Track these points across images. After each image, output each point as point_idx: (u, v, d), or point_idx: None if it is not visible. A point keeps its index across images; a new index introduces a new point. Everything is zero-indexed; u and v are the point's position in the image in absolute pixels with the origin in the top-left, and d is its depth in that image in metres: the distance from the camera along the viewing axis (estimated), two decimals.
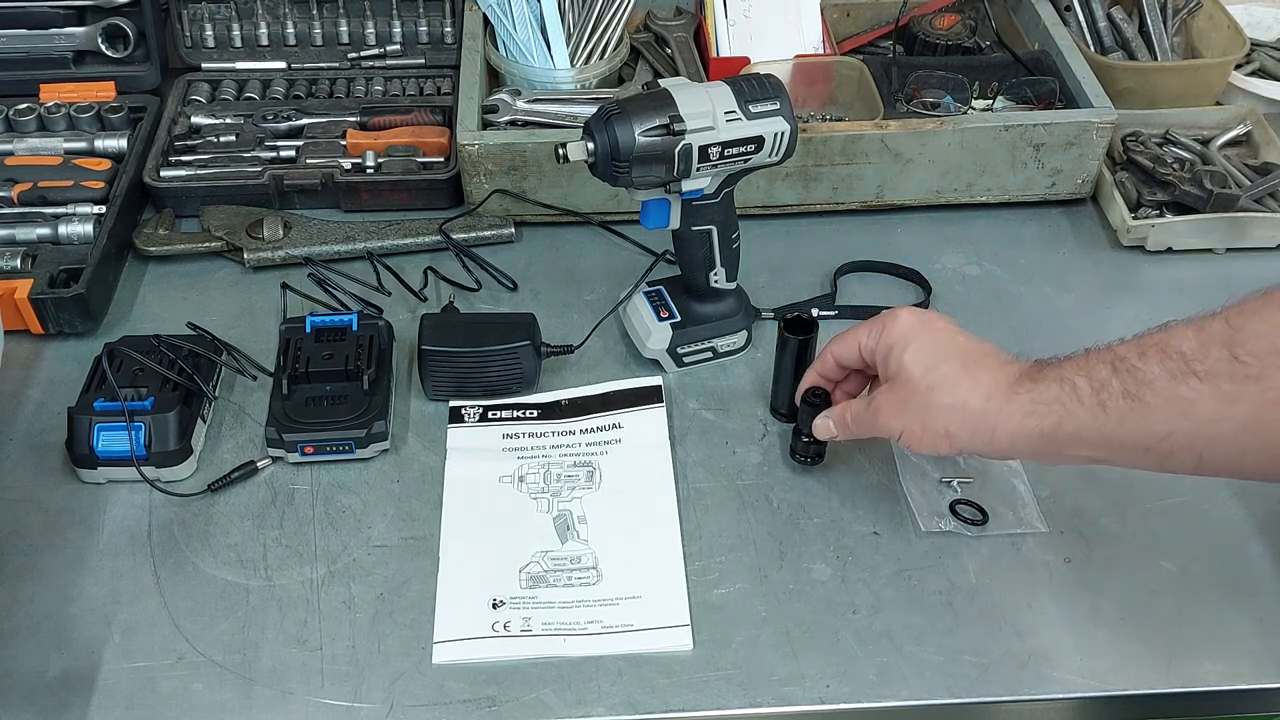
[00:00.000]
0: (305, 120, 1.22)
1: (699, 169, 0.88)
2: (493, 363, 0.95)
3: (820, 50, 1.27)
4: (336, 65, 1.32)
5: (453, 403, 0.97)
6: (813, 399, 0.87)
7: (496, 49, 1.23)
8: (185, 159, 1.17)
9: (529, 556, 0.86)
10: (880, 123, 1.11)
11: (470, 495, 0.90)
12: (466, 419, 0.96)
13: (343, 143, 1.19)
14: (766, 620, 0.82)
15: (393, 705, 0.77)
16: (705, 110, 0.86)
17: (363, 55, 1.32)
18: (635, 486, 0.91)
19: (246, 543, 0.87)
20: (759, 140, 0.89)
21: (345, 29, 1.31)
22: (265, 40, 1.31)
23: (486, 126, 1.15)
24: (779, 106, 0.89)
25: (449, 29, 1.31)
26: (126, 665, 0.79)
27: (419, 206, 1.17)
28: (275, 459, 0.92)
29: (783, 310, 1.05)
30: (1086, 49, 1.25)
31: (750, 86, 0.88)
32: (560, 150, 0.87)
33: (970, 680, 0.78)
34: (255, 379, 0.99)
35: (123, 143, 1.19)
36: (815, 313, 1.05)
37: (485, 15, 1.23)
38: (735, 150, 0.88)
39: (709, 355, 1.01)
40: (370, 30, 1.32)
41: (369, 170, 1.16)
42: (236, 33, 1.30)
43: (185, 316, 1.03)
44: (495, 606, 0.82)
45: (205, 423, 0.94)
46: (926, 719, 0.79)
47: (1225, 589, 0.84)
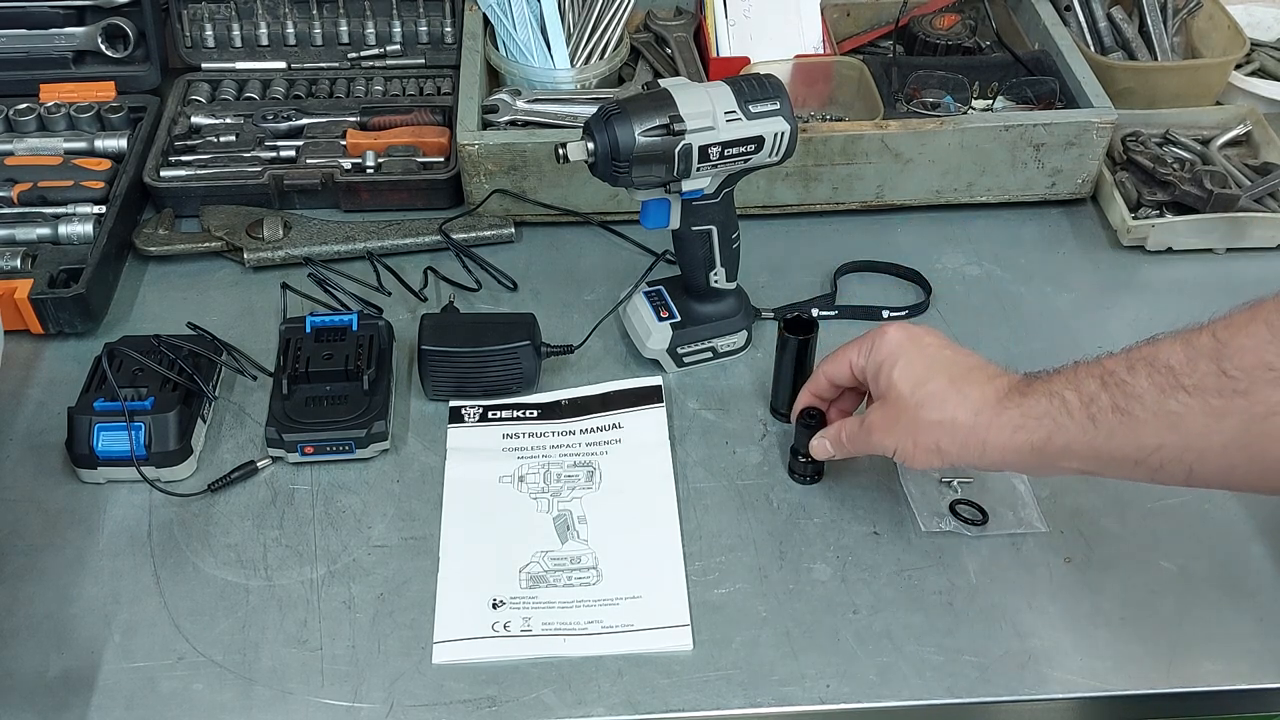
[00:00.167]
0: (305, 120, 1.22)
1: (699, 169, 0.88)
2: (493, 363, 0.95)
3: (820, 50, 1.27)
4: (336, 65, 1.32)
5: (453, 403, 0.97)
6: (808, 420, 0.88)
7: (496, 49, 1.23)
8: (185, 159, 1.17)
9: (529, 556, 0.86)
10: (880, 123, 1.11)
11: (470, 495, 0.90)
12: (466, 419, 0.96)
13: (343, 143, 1.19)
14: (766, 620, 0.82)
15: (393, 705, 0.77)
16: (705, 110, 0.86)
17: (363, 55, 1.32)
18: (635, 486, 0.91)
19: (246, 543, 0.87)
20: (759, 140, 0.89)
21: (345, 29, 1.31)
22: (265, 40, 1.31)
23: (486, 126, 1.15)
24: (779, 106, 0.89)
25: (449, 29, 1.31)
26: (126, 665, 0.79)
27: (419, 206, 1.17)
28: (275, 459, 0.92)
29: (783, 310, 1.05)
30: (1086, 49, 1.25)
31: (750, 86, 0.88)
32: (560, 150, 0.87)
33: (970, 680, 0.78)
34: (255, 379, 0.99)
35: (123, 143, 1.19)
36: (815, 313, 1.05)
37: (485, 15, 1.23)
38: (735, 150, 0.88)
39: (709, 355, 1.01)
40: (370, 30, 1.32)
41: (369, 170, 1.16)
42: (236, 33, 1.30)
43: (185, 316, 1.03)
44: (495, 606, 0.82)
45: (205, 423, 0.94)
46: (926, 719, 0.79)
47: (1225, 589, 0.84)
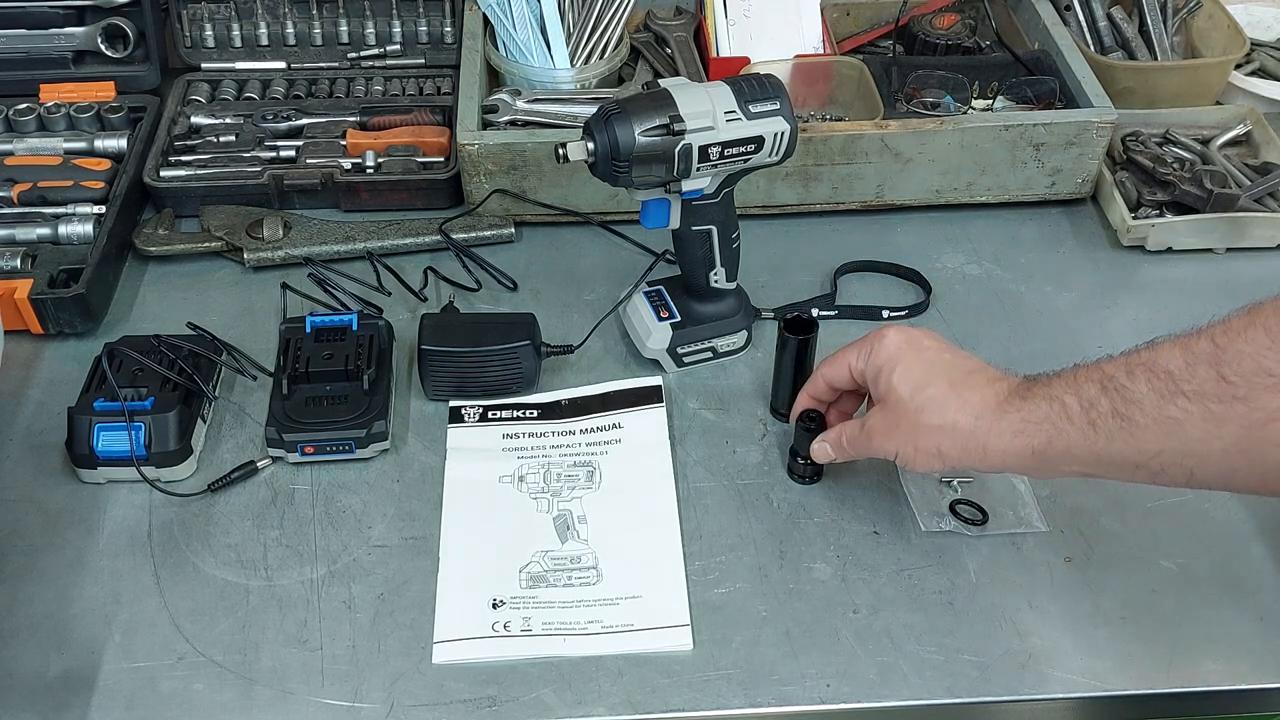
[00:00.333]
0: (305, 120, 1.22)
1: (699, 169, 0.88)
2: (493, 363, 0.95)
3: (820, 50, 1.27)
4: (336, 65, 1.32)
5: (453, 403, 0.97)
6: (807, 422, 0.88)
7: (496, 49, 1.23)
8: (185, 159, 1.17)
9: (529, 556, 0.86)
10: (880, 122, 1.11)
11: (470, 495, 0.90)
12: (466, 419, 0.96)
13: (343, 143, 1.19)
14: (766, 620, 0.82)
15: (393, 705, 0.77)
16: (705, 110, 0.86)
17: (363, 55, 1.32)
18: (635, 486, 0.91)
19: (246, 543, 0.87)
20: (759, 140, 0.89)
21: (345, 29, 1.31)
22: (265, 40, 1.31)
23: (486, 126, 1.15)
24: (779, 106, 0.89)
25: (449, 29, 1.31)
26: (127, 665, 0.79)
27: (419, 206, 1.17)
28: (275, 459, 0.92)
29: (783, 310, 1.05)
30: (1086, 49, 1.25)
31: (750, 86, 0.88)
32: (560, 150, 0.87)
33: (970, 680, 0.78)
34: (255, 379, 0.99)
35: (123, 143, 1.19)
36: (815, 313, 1.05)
37: (485, 15, 1.23)
38: (735, 150, 0.88)
39: (709, 355, 1.01)
40: (370, 30, 1.32)
41: (369, 170, 1.16)
42: (236, 33, 1.30)
43: (185, 316, 1.03)
44: (495, 606, 0.82)
45: (205, 423, 0.94)
46: (926, 719, 0.79)
47: (1225, 589, 0.84)
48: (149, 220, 1.13)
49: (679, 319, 0.99)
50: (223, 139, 1.19)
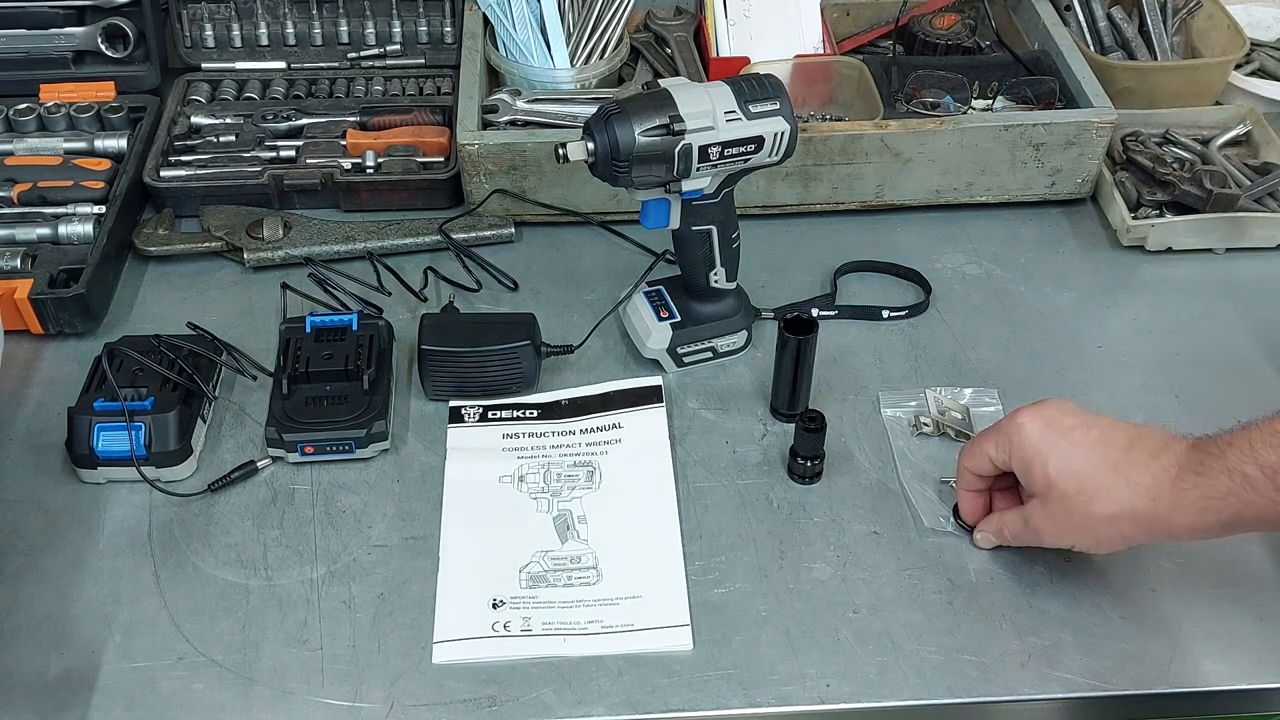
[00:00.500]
0: (305, 120, 1.22)
1: (699, 169, 0.88)
2: (493, 363, 0.95)
3: (820, 50, 1.27)
4: (336, 65, 1.32)
5: (453, 403, 0.97)
6: (809, 421, 0.88)
7: (496, 49, 1.23)
8: (185, 159, 1.17)
9: (529, 556, 0.86)
10: (880, 122, 1.11)
11: (470, 495, 0.90)
12: (466, 419, 0.96)
13: (343, 143, 1.19)
14: (766, 619, 0.82)
15: (393, 705, 0.77)
16: (705, 110, 0.86)
17: (363, 55, 1.32)
18: (635, 486, 0.91)
19: (246, 543, 0.87)
20: (759, 140, 0.89)
21: (345, 29, 1.31)
22: (265, 40, 1.31)
23: (486, 126, 1.15)
24: (779, 106, 0.89)
25: (449, 29, 1.31)
26: (127, 665, 0.79)
27: (419, 206, 1.17)
28: (275, 459, 0.92)
29: (783, 310, 1.05)
30: (1086, 49, 1.25)
31: (750, 86, 0.88)
32: (560, 150, 0.87)
33: (970, 680, 0.78)
34: (255, 379, 0.99)
35: (123, 143, 1.19)
36: (815, 313, 1.05)
37: (485, 15, 1.23)
38: (735, 150, 0.88)
39: (709, 355, 1.01)
40: (370, 30, 1.32)
41: (369, 170, 1.16)
42: (236, 33, 1.30)
43: (185, 316, 1.03)
44: (495, 606, 0.82)
45: (205, 423, 0.94)
46: (926, 719, 0.79)
47: (1226, 588, 0.84)
48: (149, 220, 1.13)
49: (679, 319, 0.99)
50: (223, 139, 1.19)
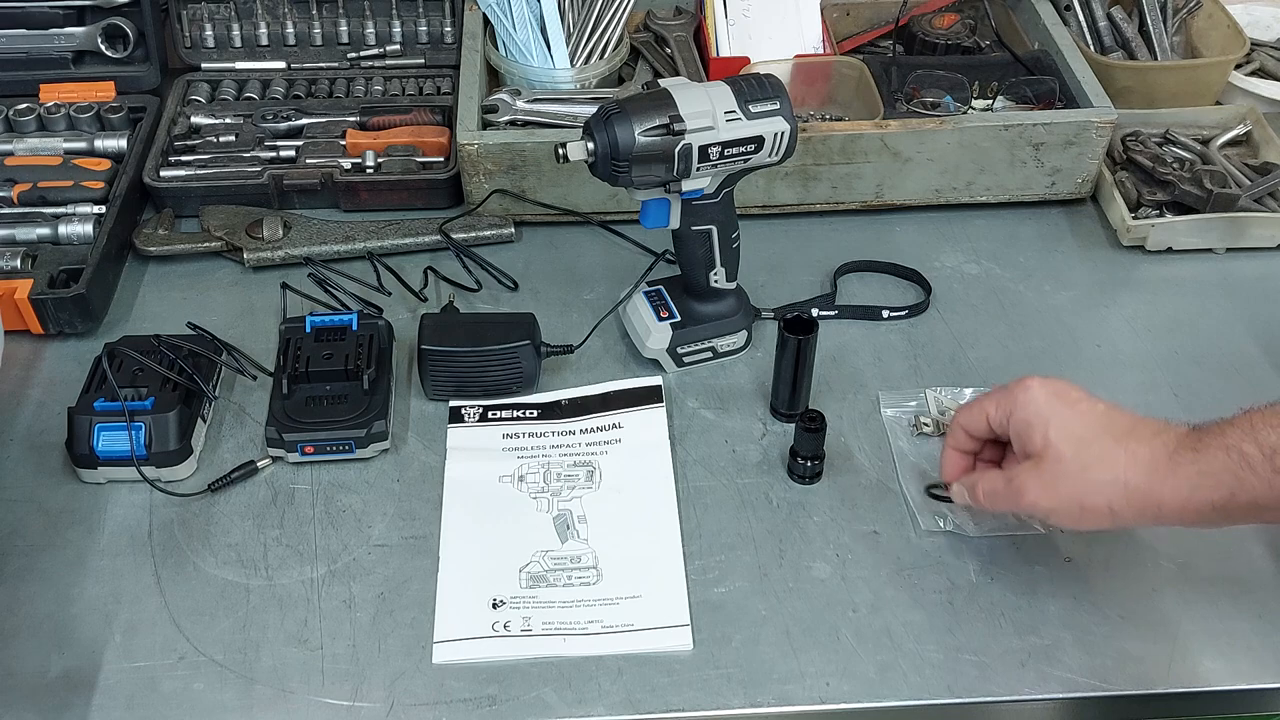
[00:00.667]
0: (305, 120, 1.22)
1: (699, 169, 0.88)
2: (493, 363, 0.95)
3: (820, 50, 1.27)
4: (336, 65, 1.32)
5: (453, 403, 0.97)
6: (808, 421, 0.88)
7: (496, 49, 1.23)
8: (185, 159, 1.17)
9: (529, 556, 0.86)
10: (880, 122, 1.11)
11: (470, 495, 0.90)
12: (466, 419, 0.96)
13: (342, 143, 1.19)
14: (766, 619, 0.82)
15: (393, 704, 0.77)
16: (705, 110, 0.86)
17: (362, 55, 1.32)
18: (635, 486, 0.91)
19: (247, 542, 0.87)
20: (759, 140, 0.89)
21: (345, 29, 1.32)
22: (265, 40, 1.31)
23: (486, 126, 1.15)
24: (779, 106, 0.89)
25: (449, 29, 1.32)
26: (127, 665, 0.79)
27: (419, 206, 1.17)
28: (275, 459, 0.92)
29: (783, 310, 1.05)
30: (1086, 48, 1.25)
31: (750, 86, 0.88)
32: (560, 150, 0.87)
33: (970, 679, 0.78)
34: (255, 379, 0.99)
35: (122, 143, 1.19)
36: (815, 312, 1.05)
37: (485, 15, 1.23)
38: (735, 150, 0.88)
39: (709, 355, 1.01)
40: (370, 30, 1.32)
41: (369, 170, 1.16)
42: (236, 33, 1.30)
43: (185, 316, 1.03)
44: (495, 606, 0.82)
45: (205, 423, 0.94)
46: (926, 718, 0.79)
47: (1225, 588, 0.84)
48: (149, 220, 1.13)
49: (679, 319, 0.99)
50: (223, 139, 1.19)
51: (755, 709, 0.77)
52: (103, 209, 1.10)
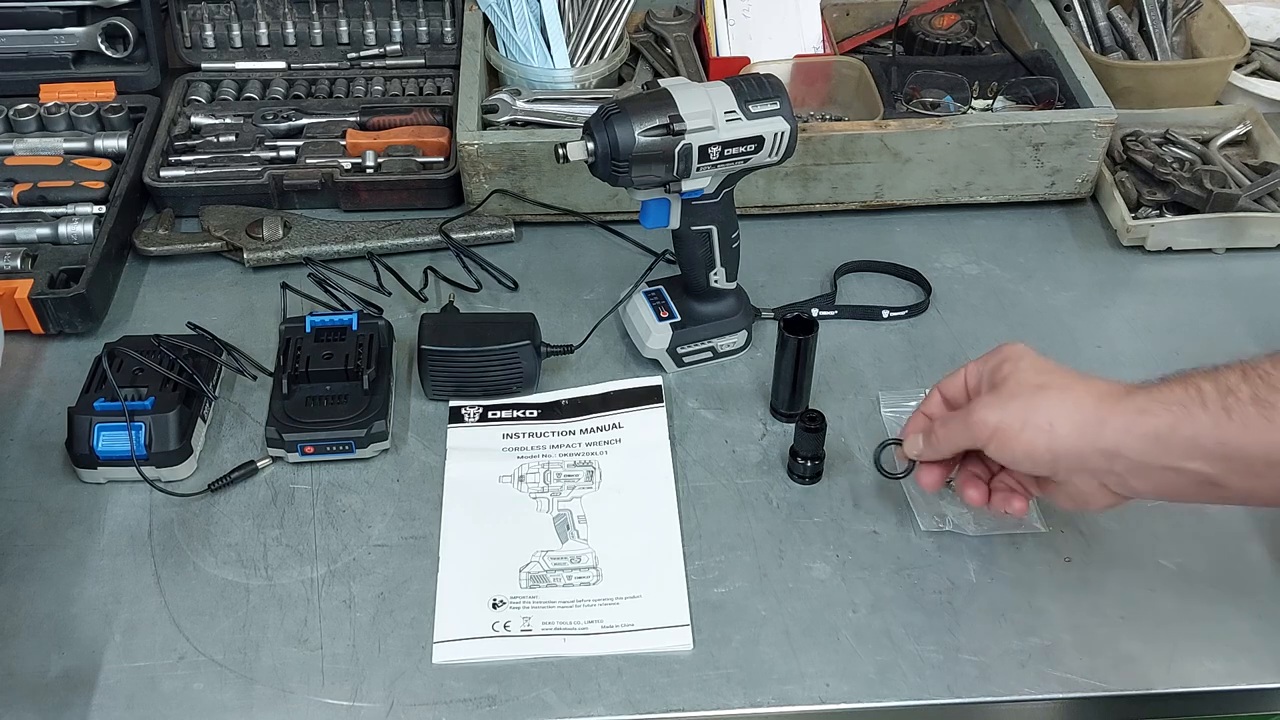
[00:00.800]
0: (305, 120, 1.22)
1: (699, 169, 0.88)
2: (493, 363, 0.95)
3: (820, 50, 1.27)
4: (336, 65, 1.32)
5: (453, 403, 0.97)
6: (809, 422, 0.88)
7: (496, 49, 1.23)
8: (185, 159, 1.17)
9: (529, 556, 0.86)
10: (880, 122, 1.11)
11: (470, 495, 0.90)
12: (466, 419, 0.96)
13: (342, 143, 1.19)
14: (766, 619, 0.82)
15: (393, 704, 0.77)
16: (705, 110, 0.86)
17: (362, 55, 1.32)
18: (635, 486, 0.91)
19: (247, 542, 0.87)
20: (759, 140, 0.89)
21: (345, 29, 1.32)
22: (265, 40, 1.31)
23: (486, 126, 1.15)
24: (779, 106, 0.89)
25: (449, 29, 1.32)
26: (127, 665, 0.79)
27: (419, 206, 1.17)
28: (275, 459, 0.92)
29: (783, 310, 1.05)
30: (1086, 49, 1.25)
31: (750, 86, 0.88)
32: (560, 150, 0.87)
33: (970, 679, 0.78)
34: (255, 379, 0.99)
35: (123, 143, 1.19)
36: (815, 312, 1.05)
37: (485, 15, 1.23)
38: (735, 150, 0.88)
39: (709, 355, 1.01)
40: (370, 30, 1.32)
41: (369, 170, 1.16)
42: (236, 33, 1.30)
43: (185, 316, 1.03)
44: (495, 606, 0.82)
45: (205, 423, 0.94)
46: (926, 718, 0.79)
47: (1225, 588, 0.84)
48: (149, 220, 1.13)
49: (679, 319, 0.99)
50: (223, 139, 1.19)
51: (755, 709, 0.77)
52: (103, 209, 1.10)
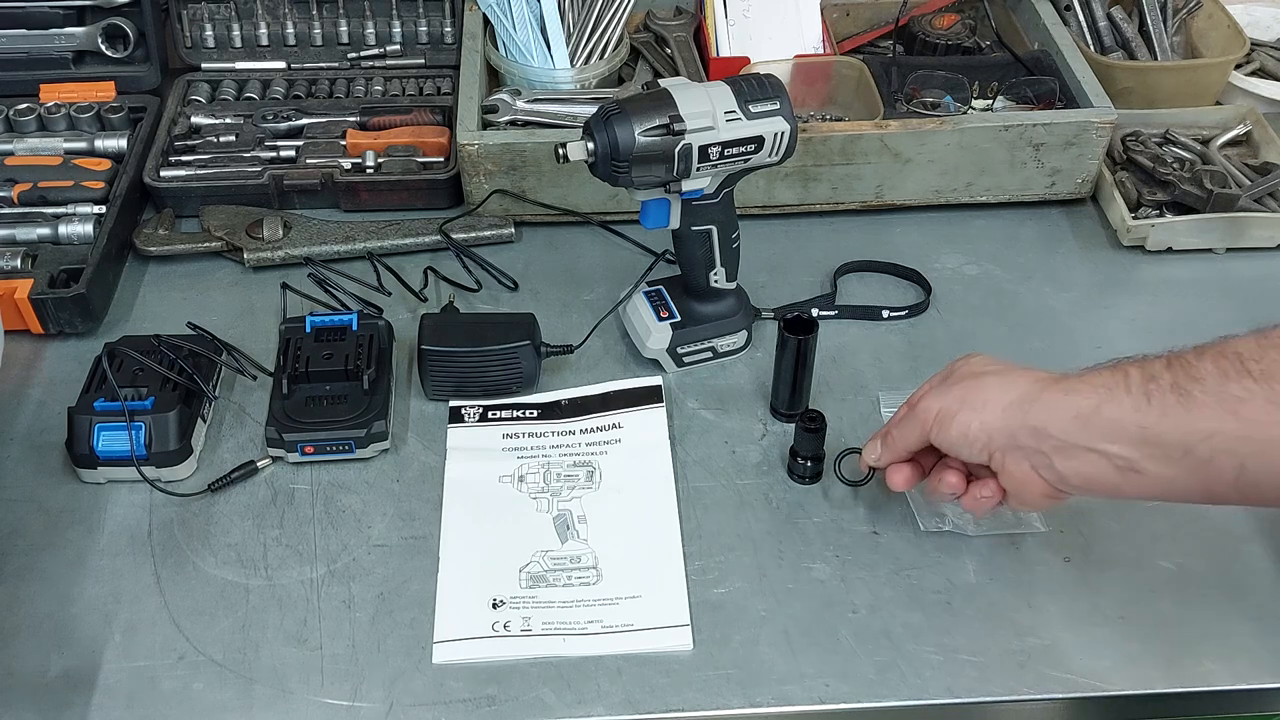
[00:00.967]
0: (305, 120, 1.22)
1: (699, 169, 0.88)
2: (493, 363, 0.95)
3: (820, 50, 1.27)
4: (336, 65, 1.32)
5: (453, 403, 0.97)
6: (809, 422, 0.88)
7: (496, 49, 1.23)
8: (185, 159, 1.17)
9: (529, 556, 0.86)
10: (880, 123, 1.11)
11: (470, 495, 0.90)
12: (466, 419, 0.96)
13: (343, 143, 1.19)
14: (766, 619, 0.82)
15: (392, 705, 0.77)
16: (705, 110, 0.86)
17: (363, 55, 1.32)
18: (635, 486, 0.91)
19: (246, 542, 0.87)
20: (759, 140, 0.89)
21: (345, 29, 1.32)
22: (265, 40, 1.31)
23: (486, 126, 1.15)
24: (779, 106, 0.89)
25: (449, 29, 1.32)
26: (127, 665, 0.79)
27: (419, 206, 1.17)
28: (275, 459, 0.92)
29: (783, 310, 1.05)
30: (1086, 49, 1.25)
31: (750, 86, 0.88)
32: (560, 150, 0.87)
33: (969, 680, 0.78)
34: (255, 379, 0.99)
35: (123, 143, 1.19)
36: (815, 313, 1.05)
37: (485, 15, 1.23)
38: (735, 150, 0.88)
39: (709, 355, 1.01)
40: (370, 30, 1.32)
41: (369, 170, 1.17)
42: (236, 33, 1.31)
43: (185, 316, 1.03)
44: (495, 606, 0.82)
45: (205, 423, 0.94)
46: (926, 718, 0.79)
47: (1224, 588, 0.84)
48: (149, 220, 1.13)
49: (679, 319, 0.99)
50: (223, 139, 1.19)
51: (755, 709, 0.77)
52: (103, 209, 1.10)
